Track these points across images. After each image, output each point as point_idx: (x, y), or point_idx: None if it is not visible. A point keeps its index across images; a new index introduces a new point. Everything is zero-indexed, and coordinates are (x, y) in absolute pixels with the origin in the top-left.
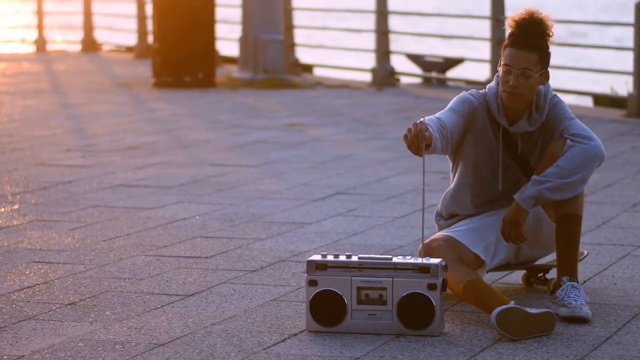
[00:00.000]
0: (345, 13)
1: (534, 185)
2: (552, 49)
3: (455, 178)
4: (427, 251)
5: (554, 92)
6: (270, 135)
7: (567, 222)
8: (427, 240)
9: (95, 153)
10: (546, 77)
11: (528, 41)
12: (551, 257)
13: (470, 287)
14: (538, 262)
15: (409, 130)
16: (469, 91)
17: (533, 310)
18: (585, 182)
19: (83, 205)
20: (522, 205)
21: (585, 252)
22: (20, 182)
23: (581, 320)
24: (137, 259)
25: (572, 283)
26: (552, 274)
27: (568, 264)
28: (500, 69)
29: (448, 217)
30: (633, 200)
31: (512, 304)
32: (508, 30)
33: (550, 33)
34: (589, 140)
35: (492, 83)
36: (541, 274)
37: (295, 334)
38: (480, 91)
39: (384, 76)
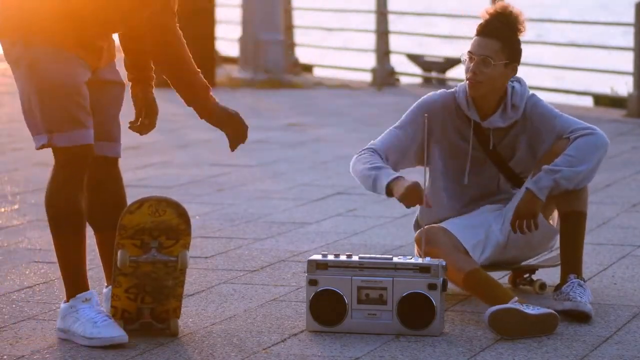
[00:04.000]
0: (345, 13)
1: (548, 174)
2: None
3: (429, 190)
4: (426, 237)
5: (532, 92)
6: (270, 135)
7: (573, 219)
8: (423, 228)
9: None
10: (513, 70)
11: (491, 29)
12: (541, 258)
13: (472, 276)
14: (525, 263)
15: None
16: (429, 94)
17: (534, 311)
18: (595, 171)
19: None
20: (538, 194)
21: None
22: (20, 182)
23: (584, 316)
24: None
25: (579, 281)
26: (538, 274)
27: (574, 261)
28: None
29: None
30: (633, 200)
31: (514, 300)
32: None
33: (521, 28)
34: (592, 129)
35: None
36: (527, 275)
37: (295, 334)
38: (450, 90)
39: (384, 76)
